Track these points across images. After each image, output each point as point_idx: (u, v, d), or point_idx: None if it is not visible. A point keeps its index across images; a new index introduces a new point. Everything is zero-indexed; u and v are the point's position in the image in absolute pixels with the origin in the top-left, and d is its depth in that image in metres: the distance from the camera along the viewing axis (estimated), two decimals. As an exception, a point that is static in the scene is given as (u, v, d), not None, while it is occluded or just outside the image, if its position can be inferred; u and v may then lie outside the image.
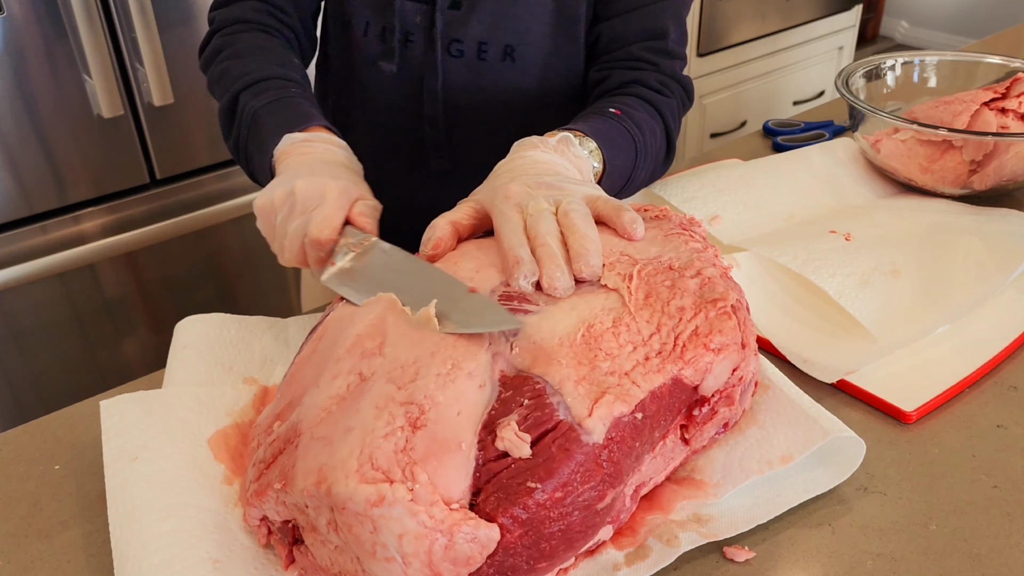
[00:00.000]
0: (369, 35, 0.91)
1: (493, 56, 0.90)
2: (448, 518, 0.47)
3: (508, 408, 0.51)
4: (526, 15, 0.89)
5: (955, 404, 0.69)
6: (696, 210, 0.90)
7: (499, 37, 0.90)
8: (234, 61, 0.84)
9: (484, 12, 0.88)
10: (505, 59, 0.91)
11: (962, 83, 1.08)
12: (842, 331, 0.75)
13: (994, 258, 0.80)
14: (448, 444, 0.49)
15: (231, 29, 0.87)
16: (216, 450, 0.62)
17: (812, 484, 0.60)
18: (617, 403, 0.51)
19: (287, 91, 0.80)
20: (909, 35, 4.11)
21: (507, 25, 0.89)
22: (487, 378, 0.52)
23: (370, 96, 0.95)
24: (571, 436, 0.49)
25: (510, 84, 0.92)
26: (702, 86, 2.47)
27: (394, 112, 0.95)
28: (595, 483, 0.50)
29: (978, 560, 0.55)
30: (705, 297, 0.56)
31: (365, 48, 0.92)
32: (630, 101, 0.85)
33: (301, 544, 0.54)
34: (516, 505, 0.48)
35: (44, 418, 0.72)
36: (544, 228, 0.60)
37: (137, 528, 0.54)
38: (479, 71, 0.91)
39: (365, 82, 0.94)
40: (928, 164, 0.93)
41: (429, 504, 0.47)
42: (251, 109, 0.79)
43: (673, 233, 0.63)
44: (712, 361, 0.54)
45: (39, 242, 1.51)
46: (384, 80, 0.93)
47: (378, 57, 0.92)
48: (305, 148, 0.73)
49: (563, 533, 0.50)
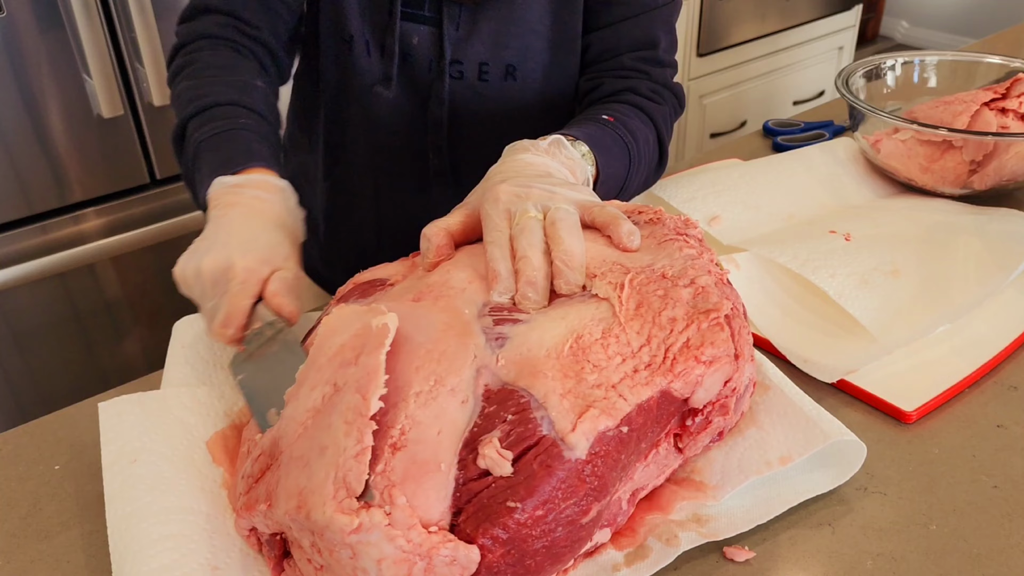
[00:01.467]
0: (372, 55, 0.89)
1: (495, 76, 0.89)
2: (426, 541, 0.46)
3: (491, 424, 0.50)
4: (528, 33, 0.88)
5: (955, 404, 0.69)
6: (696, 210, 0.90)
7: (501, 56, 0.88)
8: (190, 83, 0.79)
9: (485, 32, 0.87)
10: (507, 78, 0.89)
11: (962, 83, 1.08)
12: (842, 331, 0.75)
13: (994, 258, 0.80)
14: (427, 465, 0.48)
15: (195, 46, 0.83)
16: (215, 452, 0.62)
17: (812, 485, 0.60)
18: (602, 417, 0.50)
19: (234, 122, 0.75)
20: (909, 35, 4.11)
21: (509, 44, 0.88)
22: (470, 393, 0.52)
23: (372, 117, 0.92)
24: (553, 452, 0.49)
25: (512, 103, 0.91)
26: (702, 86, 2.47)
27: (396, 136, 0.93)
28: (578, 498, 0.49)
29: (978, 560, 0.55)
30: (698, 308, 0.55)
31: (368, 68, 0.89)
32: (623, 108, 0.85)
33: (290, 557, 0.54)
34: (496, 525, 0.47)
35: (44, 418, 0.72)
36: (526, 240, 0.59)
37: (135, 532, 0.53)
38: (481, 93, 0.90)
39: (365, 103, 0.92)
40: (928, 164, 0.93)
41: (407, 528, 0.46)
42: (195, 141, 0.74)
43: (668, 239, 0.62)
44: (703, 374, 0.53)
45: (39, 242, 1.51)
46: (384, 104, 0.91)
47: (375, 81, 0.89)
48: (232, 197, 0.68)
49: (548, 549, 0.49)
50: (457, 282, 0.60)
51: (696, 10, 2.32)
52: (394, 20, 0.86)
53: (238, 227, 0.66)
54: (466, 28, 0.87)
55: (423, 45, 0.87)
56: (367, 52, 0.88)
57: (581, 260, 0.59)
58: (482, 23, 0.86)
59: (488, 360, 0.54)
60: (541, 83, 0.91)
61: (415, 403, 0.51)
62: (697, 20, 2.34)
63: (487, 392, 0.52)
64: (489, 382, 0.53)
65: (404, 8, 0.86)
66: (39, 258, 1.49)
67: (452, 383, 0.52)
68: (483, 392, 0.52)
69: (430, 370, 0.52)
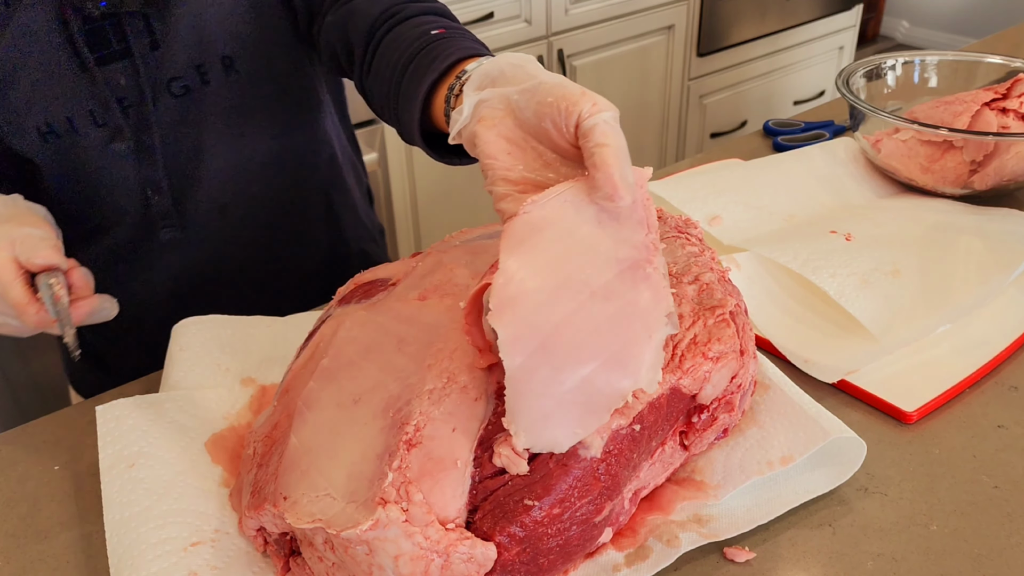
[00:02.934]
0: (81, 131, 0.78)
1: (215, 74, 0.80)
2: (444, 538, 0.46)
3: None
4: (227, 16, 0.79)
5: (955, 404, 0.69)
6: (696, 210, 0.90)
7: (213, 49, 0.79)
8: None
9: (184, 31, 0.77)
10: (228, 73, 0.81)
11: (962, 83, 1.08)
12: (842, 331, 0.75)
13: (994, 258, 0.80)
14: (443, 462, 0.48)
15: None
16: (214, 453, 0.62)
17: (812, 485, 0.60)
18: (616, 416, 0.50)
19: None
20: (909, 35, 4.11)
21: (213, 34, 0.78)
22: (483, 391, 0.52)
23: (101, 187, 0.82)
24: (569, 451, 0.49)
25: (239, 103, 0.83)
26: (702, 86, 2.47)
27: (114, 193, 0.83)
28: (593, 497, 0.49)
29: (978, 560, 0.55)
30: (703, 304, 0.56)
31: (88, 148, 0.79)
32: (428, 19, 0.70)
33: (298, 556, 0.54)
34: (513, 523, 0.47)
35: (44, 418, 0.72)
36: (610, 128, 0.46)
37: (134, 536, 0.53)
38: (206, 100, 0.81)
39: (88, 181, 0.82)
40: (929, 164, 0.93)
41: (424, 525, 0.46)
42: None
43: (669, 236, 0.62)
44: (711, 370, 0.54)
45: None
46: (106, 166, 0.81)
47: (104, 142, 0.79)
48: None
49: (561, 548, 0.49)
50: (462, 279, 0.60)
51: (696, 10, 2.33)
52: (92, 74, 0.76)
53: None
54: (167, 39, 0.77)
55: (130, 82, 0.78)
56: (75, 131, 0.78)
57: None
58: (177, 25, 0.77)
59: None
60: (268, 71, 0.83)
61: (429, 400, 0.51)
62: (697, 20, 2.34)
63: (500, 389, 0.52)
64: (503, 379, 0.53)
65: (97, 55, 0.76)
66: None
67: (464, 380, 0.52)
68: (496, 390, 0.52)
69: (442, 367, 0.52)
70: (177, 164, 0.83)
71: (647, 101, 2.38)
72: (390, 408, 0.51)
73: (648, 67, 2.33)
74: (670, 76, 2.39)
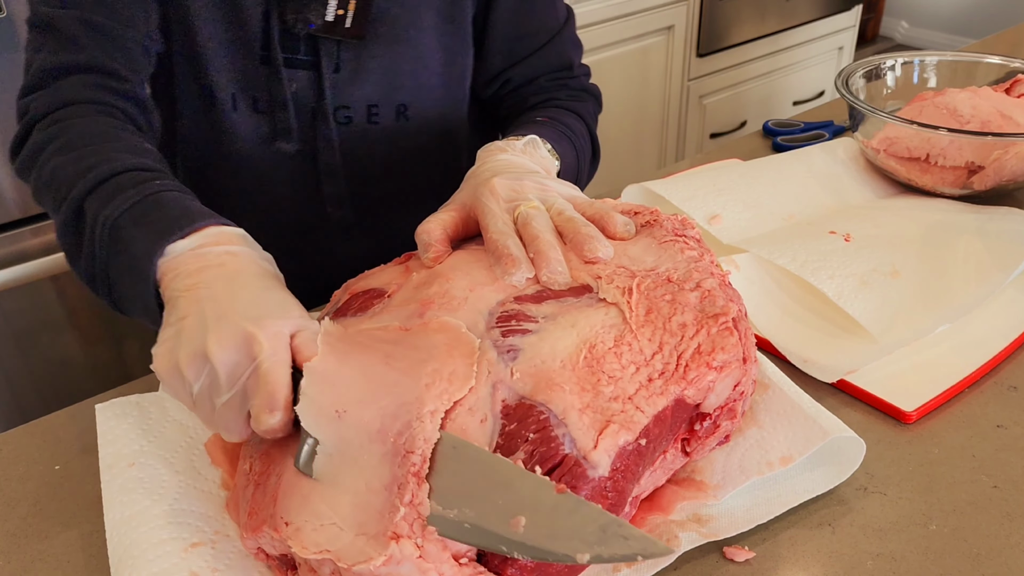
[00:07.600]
0: (239, 109, 0.81)
1: (385, 118, 0.84)
2: (458, 574, 0.46)
3: (514, 444, 0.49)
4: (421, 70, 0.83)
5: (955, 404, 0.69)
6: (696, 210, 0.90)
7: (392, 97, 0.83)
8: (66, 158, 0.64)
9: (373, 72, 0.82)
10: (399, 119, 0.85)
11: (962, 83, 1.08)
12: (842, 331, 0.75)
13: (994, 258, 0.80)
14: None
15: (57, 116, 0.69)
16: (214, 454, 0.62)
17: (812, 484, 0.60)
18: (622, 432, 0.50)
19: (149, 186, 0.60)
20: (909, 35, 4.11)
21: (401, 83, 0.83)
22: (488, 411, 0.51)
23: (249, 176, 0.85)
24: (577, 472, 0.48)
25: (406, 145, 0.87)
26: (702, 86, 2.47)
27: (289, 197, 0.86)
28: None
29: (978, 560, 0.55)
30: (706, 312, 0.55)
31: (237, 124, 0.81)
32: (550, 111, 0.84)
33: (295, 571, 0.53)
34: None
35: (44, 418, 0.72)
36: (538, 225, 0.60)
37: (134, 536, 0.53)
38: (370, 136, 0.85)
39: (239, 165, 0.83)
40: (928, 164, 0.93)
41: (439, 562, 0.46)
42: (106, 220, 0.59)
43: (667, 241, 0.61)
44: (715, 379, 0.53)
45: (38, 243, 1.51)
46: (271, 162, 0.83)
47: (268, 137, 0.82)
48: (197, 262, 0.55)
49: (570, 570, 0.49)
50: (459, 291, 0.59)
51: (696, 10, 2.32)
52: (276, 68, 0.79)
53: (225, 292, 0.53)
54: (349, 69, 0.81)
55: (302, 92, 0.81)
56: (233, 107, 0.81)
57: (599, 234, 0.60)
58: (368, 62, 0.81)
59: (503, 374, 0.53)
60: (435, 121, 0.87)
61: (431, 423, 0.50)
62: (697, 20, 2.34)
63: (505, 408, 0.51)
64: (506, 397, 0.52)
65: (285, 57, 0.79)
66: (39, 258, 1.49)
67: (470, 403, 0.51)
68: (501, 409, 0.51)
69: (442, 388, 0.51)
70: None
71: (647, 101, 2.38)
72: (388, 432, 0.50)
73: (648, 67, 2.33)
74: (670, 76, 2.39)
